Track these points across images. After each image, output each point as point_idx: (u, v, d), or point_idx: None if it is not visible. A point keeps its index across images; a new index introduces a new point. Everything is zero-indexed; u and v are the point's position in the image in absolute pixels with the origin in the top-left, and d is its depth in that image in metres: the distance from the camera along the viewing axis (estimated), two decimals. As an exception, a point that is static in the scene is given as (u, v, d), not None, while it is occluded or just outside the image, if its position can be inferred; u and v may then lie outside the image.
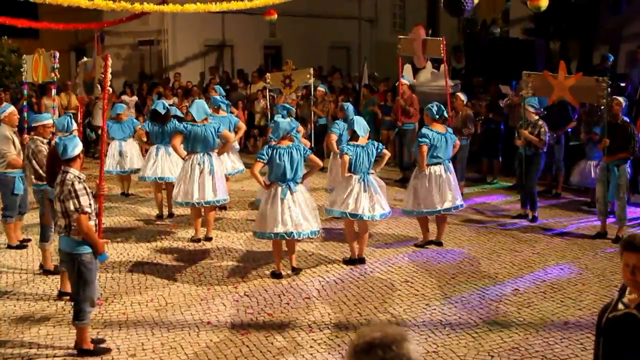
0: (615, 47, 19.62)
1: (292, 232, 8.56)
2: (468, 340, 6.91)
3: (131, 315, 7.62)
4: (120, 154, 13.23)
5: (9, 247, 10.10)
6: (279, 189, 8.58)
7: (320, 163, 8.96)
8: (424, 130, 9.86)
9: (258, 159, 8.66)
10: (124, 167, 13.30)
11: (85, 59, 8.67)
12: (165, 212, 12.03)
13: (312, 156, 8.86)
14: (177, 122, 11.82)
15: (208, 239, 10.51)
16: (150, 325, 7.32)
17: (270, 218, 8.54)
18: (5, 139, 9.62)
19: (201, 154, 10.14)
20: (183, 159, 10.29)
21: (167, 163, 11.67)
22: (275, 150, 8.58)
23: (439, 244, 10.17)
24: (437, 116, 9.93)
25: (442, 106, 10.12)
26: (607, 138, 10.15)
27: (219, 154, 10.54)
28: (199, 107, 10.38)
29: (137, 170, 12.98)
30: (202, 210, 10.49)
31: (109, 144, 13.36)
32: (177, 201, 10.39)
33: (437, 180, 9.77)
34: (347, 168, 9.10)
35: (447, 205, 9.88)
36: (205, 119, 10.29)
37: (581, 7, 18.69)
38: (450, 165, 10.03)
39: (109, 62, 7.05)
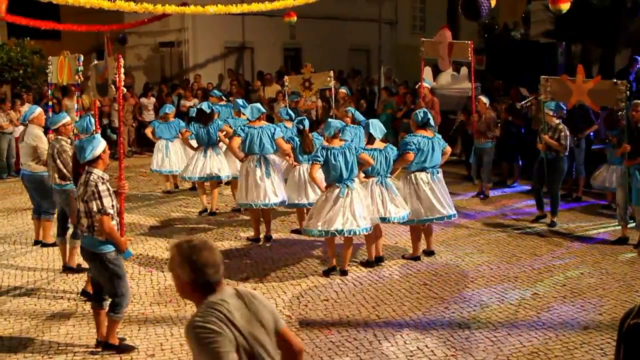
0: (637, 50, 19.48)
1: (352, 230, 8.58)
2: (487, 344, 6.89)
3: (150, 316, 7.65)
4: (167, 153, 13.43)
5: (44, 245, 10.19)
6: (337, 189, 8.62)
7: (372, 161, 8.92)
8: (408, 138, 9.37)
9: (315, 161, 8.65)
10: (169, 167, 13.50)
11: (95, 61, 8.73)
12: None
13: (363, 155, 8.85)
14: (219, 122, 11.97)
15: (268, 238, 10.58)
16: (169, 326, 7.36)
17: (329, 216, 8.58)
18: (38, 137, 9.73)
19: (257, 157, 10.18)
20: (241, 160, 10.35)
21: (209, 162, 11.82)
22: (329, 151, 8.61)
23: (430, 253, 9.84)
24: (422, 123, 9.41)
25: (428, 112, 9.65)
26: (628, 143, 10.07)
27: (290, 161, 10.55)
28: (253, 108, 10.45)
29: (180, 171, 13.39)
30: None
31: (154, 143, 13.72)
32: (240, 202, 10.50)
33: (424, 188, 9.34)
34: (364, 171, 9.12)
35: (436, 214, 9.40)
36: (260, 120, 10.34)
37: (603, 10, 18.59)
38: (440, 173, 9.57)
39: (121, 62, 7.09)
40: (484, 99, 13.47)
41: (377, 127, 9.22)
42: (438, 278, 8.92)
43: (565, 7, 10.85)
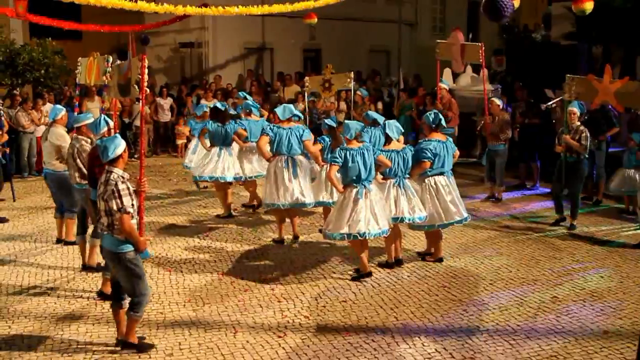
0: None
1: (364, 233, 8.50)
2: (505, 347, 6.86)
3: (169, 315, 7.68)
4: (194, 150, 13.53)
5: (66, 243, 10.29)
6: (354, 190, 8.57)
7: (389, 163, 8.90)
8: (424, 144, 9.27)
9: (333, 162, 8.60)
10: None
11: (118, 61, 8.78)
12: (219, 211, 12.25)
13: (381, 157, 8.83)
14: (234, 123, 11.95)
15: (295, 237, 10.62)
16: (188, 325, 7.38)
17: (346, 219, 8.52)
18: (62, 136, 9.83)
19: (285, 157, 10.20)
20: (268, 160, 10.39)
21: (224, 163, 11.72)
22: (348, 152, 8.58)
23: (425, 256, 9.77)
24: (434, 125, 9.38)
25: (439, 114, 9.57)
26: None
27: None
28: (285, 108, 10.49)
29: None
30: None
31: (186, 144, 13.75)
32: (266, 202, 10.47)
33: (441, 192, 9.26)
34: (381, 173, 9.10)
35: (453, 218, 9.32)
36: (289, 120, 10.37)
37: (625, 12, 18.42)
38: (452, 177, 9.49)
39: (145, 62, 7.12)
40: (497, 101, 13.40)
41: (393, 128, 9.19)
42: (457, 280, 8.89)
43: (589, 7, 10.77)
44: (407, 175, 9.22)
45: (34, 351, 6.74)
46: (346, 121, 9.16)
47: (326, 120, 10.53)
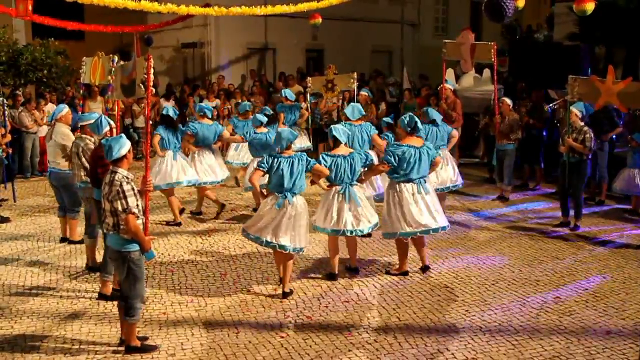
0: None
1: (283, 245, 8.17)
2: (508, 348, 6.85)
3: (171, 316, 7.69)
4: (237, 147, 13.53)
5: (71, 242, 10.35)
6: (275, 200, 8.24)
7: (326, 172, 8.57)
8: (392, 148, 8.77)
9: (259, 168, 8.31)
10: (239, 159, 13.62)
11: (122, 62, 8.78)
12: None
13: (318, 166, 8.48)
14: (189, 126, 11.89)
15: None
16: (190, 326, 7.39)
17: (264, 225, 8.21)
18: (67, 135, 9.85)
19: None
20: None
21: (178, 167, 11.52)
22: (275, 159, 8.25)
23: (425, 269, 9.23)
24: (410, 129, 8.76)
25: (415, 117, 8.87)
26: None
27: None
28: (354, 108, 10.76)
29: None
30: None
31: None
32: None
33: (409, 200, 8.66)
34: (327, 179, 8.77)
35: (421, 227, 8.69)
36: (360, 119, 10.70)
37: (629, 12, 18.40)
38: (428, 185, 8.87)
39: (152, 62, 7.12)
40: (508, 101, 13.39)
41: (340, 132, 8.83)
42: (459, 281, 8.89)
43: (590, 7, 10.76)
44: (355, 183, 8.84)
45: (37, 351, 6.75)
46: (279, 129, 8.88)
47: (384, 119, 10.91)
